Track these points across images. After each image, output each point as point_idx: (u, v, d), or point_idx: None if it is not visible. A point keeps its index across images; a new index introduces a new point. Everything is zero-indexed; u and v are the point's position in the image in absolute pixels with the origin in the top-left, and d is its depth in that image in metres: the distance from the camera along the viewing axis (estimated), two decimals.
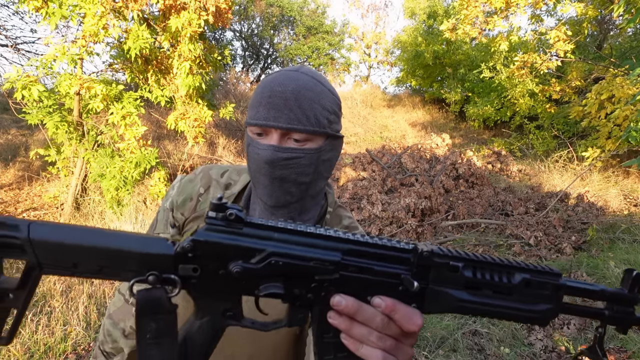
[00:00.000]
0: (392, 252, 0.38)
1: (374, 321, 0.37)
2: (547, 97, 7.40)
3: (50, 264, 0.33)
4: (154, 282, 0.34)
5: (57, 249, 0.33)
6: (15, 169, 5.52)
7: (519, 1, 5.91)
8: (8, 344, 0.35)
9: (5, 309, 0.35)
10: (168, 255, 0.35)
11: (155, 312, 0.34)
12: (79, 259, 0.33)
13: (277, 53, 14.20)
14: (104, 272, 0.34)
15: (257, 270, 0.35)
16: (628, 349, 2.12)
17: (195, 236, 0.35)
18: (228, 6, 4.06)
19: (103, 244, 0.34)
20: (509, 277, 0.38)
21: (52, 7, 3.38)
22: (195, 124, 4.18)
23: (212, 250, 0.35)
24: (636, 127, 2.81)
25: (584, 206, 4.60)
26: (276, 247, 0.36)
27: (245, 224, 0.36)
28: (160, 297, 0.34)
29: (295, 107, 0.54)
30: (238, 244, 0.35)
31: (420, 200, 4.41)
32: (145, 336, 0.35)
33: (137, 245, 0.34)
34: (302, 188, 0.59)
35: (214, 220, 0.35)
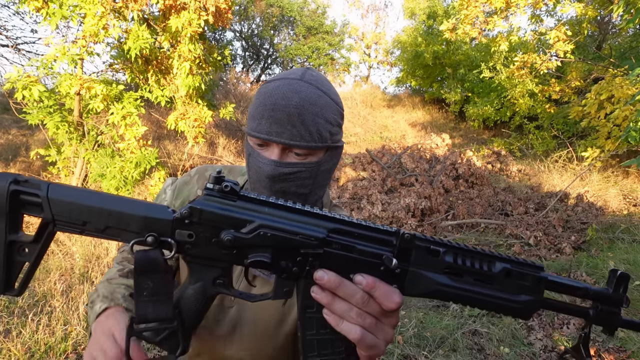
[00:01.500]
0: (376, 233, 0.39)
1: (354, 297, 0.38)
2: (547, 97, 7.40)
3: (63, 221, 0.37)
4: (152, 243, 0.37)
5: (70, 207, 0.37)
6: (16, 169, 5.52)
7: (519, 1, 5.91)
8: (19, 295, 0.39)
9: (19, 262, 0.38)
10: (167, 220, 0.38)
11: (151, 271, 0.37)
12: (88, 218, 0.37)
13: (277, 53, 14.20)
14: (108, 232, 0.38)
15: (247, 240, 0.37)
16: (627, 349, 2.13)
17: (193, 204, 0.38)
18: (228, 6, 4.07)
19: (110, 206, 0.37)
20: (489, 266, 0.39)
21: (53, 7, 3.39)
22: (195, 124, 4.18)
23: (207, 218, 0.37)
24: (635, 127, 2.82)
25: (583, 206, 4.61)
26: (265, 220, 0.38)
27: (239, 196, 0.38)
28: (156, 257, 0.37)
29: (298, 123, 0.54)
30: (230, 214, 0.38)
31: (420, 200, 4.41)
32: (142, 293, 0.37)
33: (140, 209, 0.38)
34: (301, 198, 0.60)
35: (211, 191, 0.38)
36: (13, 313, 2.35)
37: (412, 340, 2.26)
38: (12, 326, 2.21)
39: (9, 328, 2.20)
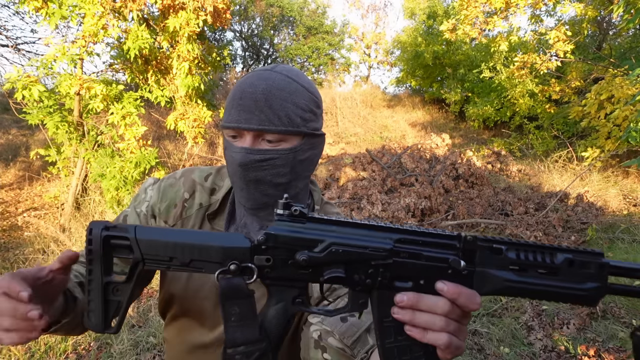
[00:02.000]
0: (438, 239, 0.41)
1: (437, 306, 0.39)
2: (547, 97, 7.40)
3: (151, 259, 0.41)
4: (235, 271, 0.40)
5: (157, 245, 0.41)
6: (16, 169, 5.52)
7: (519, 1, 5.91)
8: (116, 332, 0.43)
9: (114, 301, 0.42)
10: (245, 248, 0.41)
11: (237, 297, 0.40)
12: (173, 253, 0.41)
13: (277, 53, 14.20)
14: (193, 264, 0.41)
15: (321, 258, 0.40)
16: (627, 349, 2.13)
17: (268, 230, 0.41)
18: (226, 6, 4.07)
19: (192, 241, 0.41)
20: (552, 258, 0.40)
21: (52, 7, 3.39)
22: (194, 124, 4.18)
23: (281, 242, 0.40)
24: (636, 127, 2.82)
25: (583, 206, 4.61)
26: (335, 237, 0.40)
27: (307, 219, 0.41)
28: (240, 284, 0.40)
29: (265, 108, 0.54)
30: (303, 236, 0.40)
31: (420, 200, 4.41)
32: (230, 319, 0.40)
33: (220, 241, 0.41)
34: (279, 189, 0.59)
35: (281, 216, 0.41)
36: None
37: None
38: None
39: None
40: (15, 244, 3.57)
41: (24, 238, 3.71)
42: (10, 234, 3.82)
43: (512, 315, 2.55)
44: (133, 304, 2.54)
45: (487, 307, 2.65)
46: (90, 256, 0.41)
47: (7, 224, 4.05)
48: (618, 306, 2.51)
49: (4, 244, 3.57)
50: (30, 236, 3.70)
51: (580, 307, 2.55)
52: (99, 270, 0.41)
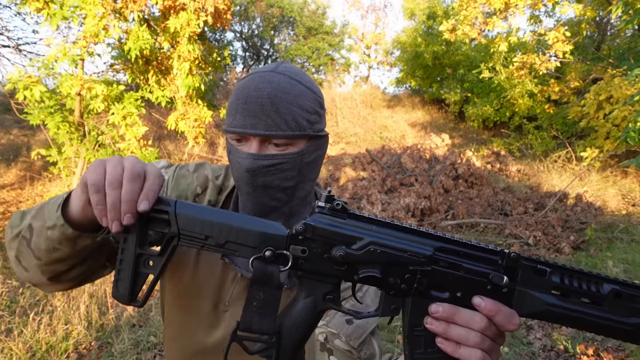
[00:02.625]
0: (481, 252, 0.40)
1: (473, 322, 0.37)
2: (546, 97, 7.42)
3: (187, 235, 0.40)
4: (270, 257, 0.39)
5: (195, 223, 0.40)
6: (17, 169, 5.53)
7: (518, 2, 5.93)
8: (142, 306, 0.43)
9: (144, 274, 0.41)
10: (282, 236, 0.40)
11: (265, 284, 0.39)
12: (210, 232, 0.40)
13: (277, 54, 14.21)
14: (228, 246, 0.40)
15: (358, 256, 0.39)
16: (626, 348, 2.14)
17: (307, 220, 0.39)
18: (227, 7, 4.08)
19: (231, 222, 0.40)
20: (597, 287, 0.38)
21: (53, 8, 3.40)
22: (195, 124, 4.19)
23: (319, 234, 0.39)
24: (634, 128, 2.83)
25: (582, 206, 4.62)
26: (375, 237, 0.39)
27: (349, 215, 0.40)
28: (273, 272, 0.39)
29: (272, 113, 0.53)
30: (342, 231, 0.39)
31: (419, 200, 4.42)
32: (252, 303, 0.39)
33: (258, 226, 0.40)
34: (288, 192, 0.58)
35: (322, 209, 0.40)
36: (14, 312, 2.35)
37: None
38: (13, 325, 2.22)
39: (10, 327, 2.21)
40: None
41: None
42: None
43: None
44: None
45: None
46: (130, 226, 0.41)
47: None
48: None
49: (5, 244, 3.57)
50: None
51: None
52: (134, 240, 0.41)
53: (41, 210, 0.51)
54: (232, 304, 0.61)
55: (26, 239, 0.52)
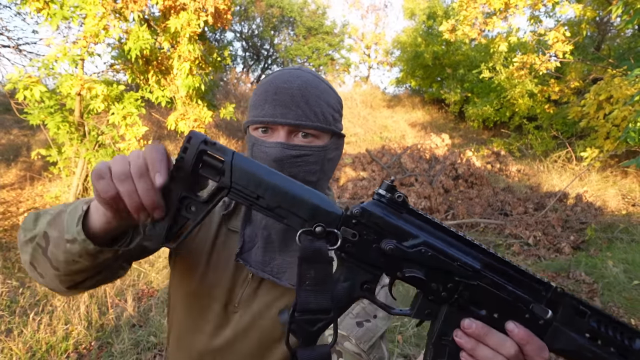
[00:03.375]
0: (527, 279, 0.39)
1: (503, 347, 0.37)
2: (546, 97, 7.42)
3: (239, 190, 0.38)
4: (320, 234, 0.37)
5: (250, 178, 0.38)
6: (17, 169, 5.53)
7: (518, 2, 5.93)
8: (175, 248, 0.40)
9: (184, 218, 0.39)
10: (336, 215, 0.38)
11: (315, 261, 0.37)
12: (263, 193, 0.38)
13: (277, 54, 14.22)
14: (277, 211, 0.38)
15: (407, 254, 0.38)
16: None
17: (365, 205, 0.38)
18: (227, 7, 4.08)
19: (287, 187, 0.38)
20: (630, 341, 0.39)
21: (54, 8, 3.40)
22: (195, 124, 4.19)
23: (374, 222, 0.38)
24: (634, 128, 2.83)
25: (582, 206, 4.62)
26: (428, 238, 0.38)
27: (407, 209, 0.39)
28: (322, 247, 0.37)
29: (302, 103, 0.54)
30: (398, 225, 0.38)
31: (419, 200, 4.42)
32: (304, 282, 0.37)
33: (314, 198, 0.38)
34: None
35: (381, 197, 0.38)
36: (14, 312, 2.36)
37: (411, 339, 2.27)
38: (13, 325, 2.22)
39: (10, 327, 2.21)
40: (17, 244, 3.57)
41: None
42: (12, 234, 3.82)
43: None
44: (134, 303, 2.55)
45: None
46: (180, 164, 0.38)
47: (9, 224, 4.06)
48: (617, 305, 2.52)
49: (5, 244, 3.58)
50: None
51: None
52: (182, 179, 0.38)
53: (59, 219, 0.49)
54: (241, 305, 0.60)
55: (41, 247, 0.50)
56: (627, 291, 2.68)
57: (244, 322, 0.60)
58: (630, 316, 2.40)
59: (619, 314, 2.43)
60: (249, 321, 0.60)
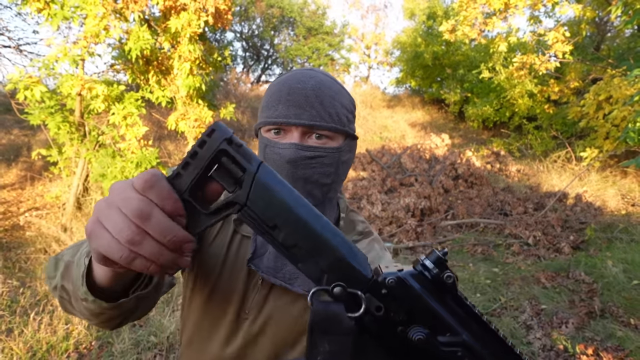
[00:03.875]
0: None
1: None
2: (546, 97, 7.43)
3: (254, 211, 0.30)
4: (338, 296, 0.29)
5: (272, 201, 0.29)
6: (18, 169, 5.53)
7: (518, 2, 5.94)
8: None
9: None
10: (364, 277, 0.30)
11: (331, 331, 0.29)
12: (283, 223, 0.30)
13: (277, 54, 14.23)
14: (293, 250, 0.30)
15: (437, 351, 0.30)
16: (626, 348, 2.15)
17: (403, 275, 0.30)
18: (227, 7, 4.09)
19: (313, 225, 0.30)
20: None
21: (54, 8, 3.40)
22: (195, 124, 4.20)
23: (409, 300, 0.30)
24: (634, 128, 2.84)
25: (582, 206, 4.63)
26: (470, 340, 0.31)
27: (454, 295, 0.31)
28: (340, 313, 0.29)
29: (317, 104, 0.53)
30: (438, 312, 0.30)
31: (419, 200, 4.43)
32: (315, 357, 0.30)
33: (342, 247, 0.30)
34: (324, 190, 0.56)
35: (426, 270, 0.30)
36: (15, 312, 2.36)
37: None
38: (14, 325, 2.23)
39: (11, 327, 2.22)
40: (17, 244, 3.58)
41: (26, 238, 3.72)
42: (12, 234, 3.83)
43: (511, 314, 2.56)
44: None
45: (486, 307, 2.67)
46: (191, 159, 0.29)
47: (9, 224, 4.06)
48: (616, 305, 2.53)
49: (5, 244, 3.58)
50: (32, 236, 3.72)
51: (578, 306, 2.57)
52: (187, 181, 0.29)
53: (69, 272, 0.44)
54: (252, 312, 0.58)
55: (65, 299, 0.47)
56: (626, 291, 2.68)
57: (255, 329, 0.58)
58: (630, 316, 2.41)
59: (618, 314, 2.44)
60: (259, 328, 0.58)
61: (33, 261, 3.15)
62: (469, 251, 3.77)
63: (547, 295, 2.76)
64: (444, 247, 4.10)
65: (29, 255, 3.22)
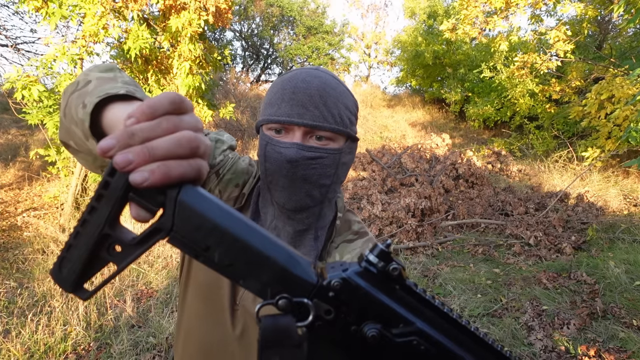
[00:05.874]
0: None
1: None
2: (547, 97, 7.40)
3: (182, 236, 0.28)
4: (284, 308, 0.29)
5: (201, 224, 0.27)
6: (16, 169, 5.52)
7: (519, 1, 5.91)
8: (85, 300, 0.31)
9: (103, 261, 0.29)
10: (309, 283, 0.29)
11: (281, 345, 0.28)
12: (215, 244, 0.28)
13: (277, 53, 14.21)
14: (231, 270, 0.29)
15: (393, 344, 0.30)
16: (628, 349, 2.13)
17: (348, 275, 0.29)
18: (228, 6, 4.07)
19: (248, 239, 0.28)
20: None
21: (52, 7, 3.38)
22: None
23: (357, 299, 0.30)
24: (636, 128, 2.82)
25: (583, 206, 4.60)
26: (425, 327, 0.30)
27: (403, 285, 0.30)
28: (288, 326, 0.28)
29: (320, 104, 0.53)
30: (388, 305, 0.30)
31: (420, 200, 4.41)
32: None
33: (281, 257, 0.29)
34: (322, 191, 0.57)
35: (371, 266, 0.30)
36: (12, 313, 2.34)
37: None
38: (11, 326, 2.21)
39: (8, 328, 2.20)
40: (15, 244, 3.57)
41: (24, 238, 3.71)
42: (10, 234, 3.81)
43: (512, 315, 2.54)
44: (133, 303, 2.54)
45: (487, 307, 2.65)
46: (103, 191, 0.27)
47: (7, 224, 4.04)
48: (618, 306, 2.51)
49: (3, 244, 3.56)
50: (29, 236, 3.70)
51: (580, 307, 2.55)
52: (104, 214, 0.27)
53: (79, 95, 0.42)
54: (241, 302, 0.60)
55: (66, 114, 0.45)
56: (628, 292, 2.66)
57: (245, 320, 0.60)
58: (632, 317, 2.39)
59: (620, 315, 2.42)
60: (248, 318, 0.60)
61: (31, 262, 3.13)
62: (470, 251, 3.75)
63: (549, 296, 2.74)
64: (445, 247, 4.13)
65: (27, 256, 3.21)
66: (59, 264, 0.30)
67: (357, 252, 0.61)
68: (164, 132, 0.27)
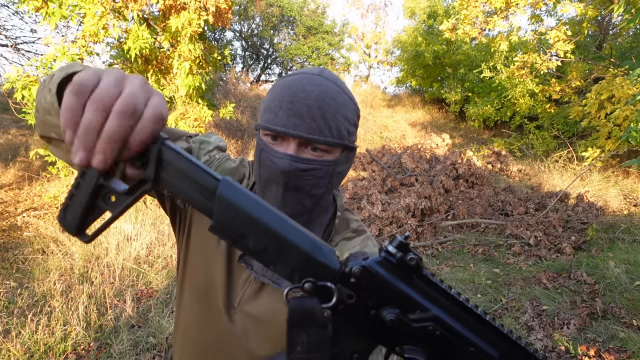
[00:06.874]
0: None
1: None
2: (547, 97, 7.40)
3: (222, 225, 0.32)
4: (310, 290, 0.32)
5: (237, 214, 0.32)
6: (15, 169, 5.52)
7: (519, 1, 5.91)
8: (89, 242, 0.35)
9: (101, 209, 0.33)
10: (332, 269, 0.32)
11: (307, 324, 0.32)
12: (250, 231, 0.32)
13: (277, 53, 14.21)
14: (263, 254, 0.33)
15: (410, 328, 0.32)
16: (628, 349, 2.13)
17: (368, 263, 0.32)
18: (228, 6, 4.07)
19: (277, 228, 0.32)
20: None
21: (52, 7, 3.38)
22: (195, 123, 4.18)
23: (377, 285, 0.32)
24: (636, 128, 2.82)
25: (583, 206, 4.60)
26: (441, 314, 0.33)
27: (420, 275, 0.33)
28: (313, 307, 0.32)
29: (318, 117, 0.52)
30: (406, 292, 0.32)
31: (420, 200, 4.41)
32: (295, 349, 0.32)
33: (306, 244, 0.32)
34: (314, 200, 0.57)
35: (390, 256, 0.32)
36: (12, 313, 2.34)
37: None
38: (11, 326, 2.21)
39: (8, 328, 2.20)
40: (15, 244, 3.56)
41: (24, 238, 3.71)
42: (10, 234, 3.81)
43: (512, 315, 2.54)
44: (133, 303, 2.54)
45: (487, 307, 2.65)
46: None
47: (7, 224, 4.04)
48: (618, 306, 2.51)
49: (3, 244, 3.56)
50: (29, 236, 3.70)
51: (580, 307, 2.55)
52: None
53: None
54: (241, 307, 0.60)
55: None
56: (628, 292, 2.66)
57: (245, 322, 0.60)
58: (632, 317, 2.39)
59: (620, 315, 2.42)
60: (250, 322, 0.60)
61: (31, 262, 3.13)
62: (470, 251, 3.75)
63: (549, 296, 2.74)
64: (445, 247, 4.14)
65: (27, 256, 3.21)
66: (63, 210, 0.33)
67: (356, 250, 0.61)
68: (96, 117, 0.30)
